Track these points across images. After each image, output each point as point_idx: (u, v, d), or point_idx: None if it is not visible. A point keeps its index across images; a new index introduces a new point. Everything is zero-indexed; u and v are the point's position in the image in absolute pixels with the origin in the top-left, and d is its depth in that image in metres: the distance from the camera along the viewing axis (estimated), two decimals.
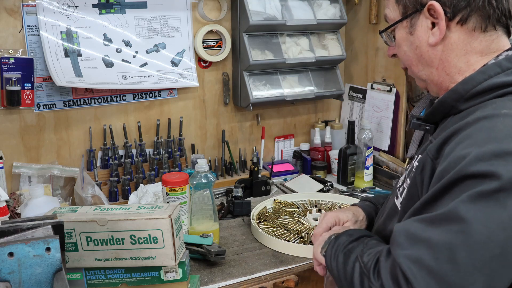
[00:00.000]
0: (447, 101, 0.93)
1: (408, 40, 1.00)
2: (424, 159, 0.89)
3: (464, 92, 0.90)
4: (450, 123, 0.92)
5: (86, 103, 1.79)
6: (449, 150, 0.83)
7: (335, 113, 2.32)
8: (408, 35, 0.99)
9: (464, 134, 0.82)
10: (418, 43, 0.98)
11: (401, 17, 0.99)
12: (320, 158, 2.16)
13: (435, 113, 0.98)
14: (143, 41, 1.83)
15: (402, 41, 1.01)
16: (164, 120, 1.92)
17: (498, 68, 0.89)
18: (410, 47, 1.00)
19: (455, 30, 0.94)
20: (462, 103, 0.91)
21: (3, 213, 1.31)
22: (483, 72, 0.90)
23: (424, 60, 0.99)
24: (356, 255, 0.92)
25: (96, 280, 1.20)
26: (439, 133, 0.94)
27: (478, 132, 0.81)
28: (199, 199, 1.49)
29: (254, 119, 2.13)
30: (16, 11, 1.62)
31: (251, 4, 1.87)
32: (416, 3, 0.96)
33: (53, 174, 1.71)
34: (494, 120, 0.81)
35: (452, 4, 0.92)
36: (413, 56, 1.00)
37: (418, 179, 0.90)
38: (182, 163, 1.94)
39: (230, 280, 1.32)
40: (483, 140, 0.79)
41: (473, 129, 0.82)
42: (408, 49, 1.01)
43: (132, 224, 1.13)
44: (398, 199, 1.01)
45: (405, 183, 1.00)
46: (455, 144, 0.82)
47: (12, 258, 0.85)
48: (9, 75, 1.62)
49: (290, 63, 1.97)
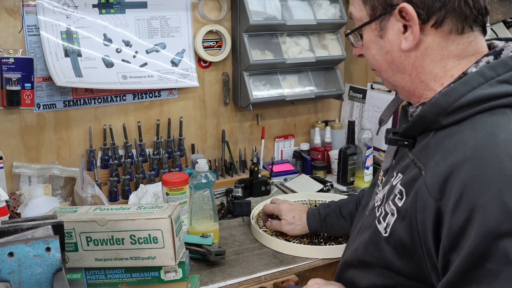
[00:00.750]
0: (428, 116, 0.85)
1: (378, 43, 0.92)
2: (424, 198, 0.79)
3: (446, 105, 0.82)
4: (433, 142, 0.84)
5: (86, 103, 1.79)
6: (458, 194, 0.73)
7: (335, 113, 2.32)
8: (378, 38, 0.91)
9: (469, 173, 0.73)
10: (389, 47, 0.90)
11: (369, 18, 0.91)
12: (320, 158, 2.16)
13: (414, 128, 0.89)
14: (143, 41, 1.83)
15: (371, 44, 0.93)
16: (164, 120, 1.92)
17: (481, 78, 0.81)
18: (380, 51, 0.92)
19: (430, 33, 0.86)
20: (444, 118, 0.83)
21: (3, 213, 1.31)
22: (466, 82, 0.82)
23: (396, 66, 0.91)
24: None
25: (96, 280, 1.20)
26: (420, 152, 0.87)
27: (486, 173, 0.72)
28: (199, 199, 1.49)
29: (254, 119, 2.13)
30: (16, 11, 1.62)
31: (251, 4, 1.87)
32: (385, 4, 0.88)
33: (53, 174, 1.71)
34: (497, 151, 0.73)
35: (425, 5, 0.84)
36: (383, 61, 0.92)
37: (419, 218, 0.80)
38: (182, 163, 1.94)
39: (230, 280, 1.32)
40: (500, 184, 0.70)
41: (477, 166, 0.73)
42: (377, 53, 0.93)
43: (132, 224, 1.13)
44: (381, 224, 0.92)
45: (387, 205, 0.91)
46: (463, 186, 0.73)
47: (12, 258, 0.85)
48: (9, 75, 1.62)
49: (290, 63, 1.97)
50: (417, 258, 0.84)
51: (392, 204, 0.89)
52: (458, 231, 0.73)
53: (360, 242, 1.00)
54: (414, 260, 0.84)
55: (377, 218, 0.94)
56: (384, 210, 0.92)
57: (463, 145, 0.77)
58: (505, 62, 0.82)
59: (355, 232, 1.09)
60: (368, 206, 1.07)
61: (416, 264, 0.84)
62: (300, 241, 1.50)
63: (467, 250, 0.71)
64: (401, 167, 0.92)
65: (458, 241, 0.73)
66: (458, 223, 0.73)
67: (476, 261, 0.71)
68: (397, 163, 0.97)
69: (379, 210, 0.95)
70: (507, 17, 2.01)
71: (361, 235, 1.01)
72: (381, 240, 0.91)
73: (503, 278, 0.68)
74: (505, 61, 0.82)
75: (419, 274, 0.85)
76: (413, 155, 0.88)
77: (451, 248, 0.74)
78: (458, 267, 0.73)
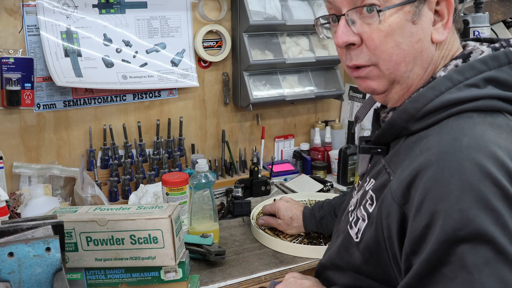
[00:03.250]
0: (397, 123, 0.84)
1: (408, 29, 0.82)
2: (389, 203, 0.79)
3: (415, 111, 0.81)
4: (403, 148, 0.83)
5: (86, 103, 1.79)
6: (419, 199, 0.73)
7: (335, 113, 2.32)
8: (409, 23, 0.82)
9: (431, 177, 0.73)
10: (421, 36, 0.83)
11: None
12: (320, 158, 2.16)
13: (385, 135, 0.88)
14: (143, 41, 1.83)
15: (398, 29, 0.82)
16: (164, 120, 1.92)
17: (449, 82, 0.80)
18: (410, 39, 0.83)
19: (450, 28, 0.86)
20: (414, 124, 0.82)
21: (3, 213, 1.31)
22: (433, 87, 0.80)
23: (422, 57, 0.85)
24: None
25: (96, 280, 1.20)
26: (391, 158, 0.86)
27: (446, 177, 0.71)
28: (199, 199, 1.49)
29: (254, 119, 2.13)
30: (16, 11, 1.62)
31: (251, 4, 1.87)
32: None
33: (53, 174, 1.71)
34: (459, 156, 0.72)
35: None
36: (411, 50, 0.84)
37: (385, 224, 0.80)
38: (182, 163, 1.94)
39: (230, 280, 1.32)
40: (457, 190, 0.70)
41: (438, 170, 0.72)
42: (404, 41, 0.83)
43: (132, 224, 1.13)
44: (352, 229, 0.92)
45: (359, 211, 0.91)
46: (424, 191, 0.73)
47: (12, 258, 0.85)
48: (9, 75, 1.62)
49: (290, 63, 1.97)
50: (384, 264, 0.84)
51: (363, 209, 0.88)
52: (419, 236, 0.73)
53: (335, 247, 1.00)
54: (380, 266, 0.85)
55: (349, 223, 0.94)
56: (356, 216, 0.91)
57: (428, 151, 0.76)
58: (473, 65, 0.81)
59: (334, 236, 1.10)
60: (345, 210, 1.08)
61: (383, 269, 0.84)
62: (300, 241, 1.50)
63: (426, 254, 0.71)
64: (374, 173, 0.91)
65: (419, 246, 0.73)
66: (419, 228, 0.73)
67: (434, 265, 0.71)
68: (372, 168, 0.96)
69: (352, 215, 0.95)
70: (507, 17, 2.01)
71: (337, 240, 1.02)
72: (352, 246, 0.91)
73: (457, 282, 0.68)
74: (473, 65, 0.81)
75: (387, 279, 0.85)
76: (385, 161, 0.88)
77: (413, 252, 0.75)
78: (416, 271, 0.73)
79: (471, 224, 0.68)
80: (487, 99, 0.78)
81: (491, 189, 0.69)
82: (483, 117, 0.77)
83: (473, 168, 0.70)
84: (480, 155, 0.71)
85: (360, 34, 0.85)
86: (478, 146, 0.72)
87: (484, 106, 0.78)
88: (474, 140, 0.73)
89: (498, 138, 0.74)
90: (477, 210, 0.68)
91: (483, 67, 0.81)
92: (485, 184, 0.69)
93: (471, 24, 1.67)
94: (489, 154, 0.71)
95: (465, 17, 1.69)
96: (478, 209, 0.68)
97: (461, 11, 1.76)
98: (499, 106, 0.79)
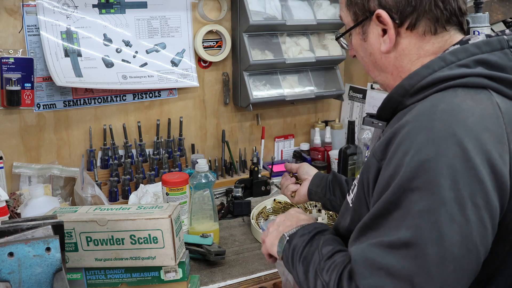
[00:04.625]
0: (394, 97, 0.92)
1: (363, 46, 1.00)
2: (370, 159, 0.88)
3: (409, 87, 0.89)
4: (396, 118, 0.91)
5: (86, 103, 1.79)
6: (392, 153, 0.82)
7: (335, 113, 2.32)
8: (362, 41, 0.99)
9: (404, 134, 0.81)
10: (371, 50, 0.98)
11: (353, 23, 0.99)
12: (320, 158, 2.16)
13: (384, 110, 0.96)
14: (143, 41, 1.83)
15: (358, 47, 1.02)
16: (164, 120, 1.92)
17: (442, 62, 0.87)
18: (365, 53, 1.00)
19: (406, 36, 0.93)
20: (408, 98, 0.90)
21: (3, 213, 1.31)
22: (428, 66, 0.88)
23: (379, 66, 0.99)
24: (315, 270, 0.92)
25: (96, 280, 1.20)
26: (387, 129, 0.93)
27: (415, 133, 0.79)
28: (199, 199, 1.49)
29: (254, 119, 2.13)
30: (16, 11, 1.62)
31: (251, 4, 1.87)
32: (364, 10, 0.95)
33: (53, 174, 1.71)
34: (431, 117, 0.79)
35: (398, 10, 0.91)
36: (369, 62, 1.01)
37: (364, 178, 0.90)
38: (182, 163, 1.94)
39: (230, 280, 1.32)
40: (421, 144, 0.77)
41: (411, 128, 0.80)
42: (364, 55, 1.01)
43: (132, 224, 1.13)
44: (349, 196, 1.02)
45: (356, 179, 1.00)
46: (396, 146, 0.81)
47: (12, 258, 0.85)
48: (9, 75, 1.62)
49: (290, 63, 1.97)
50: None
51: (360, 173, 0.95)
52: (384, 185, 0.82)
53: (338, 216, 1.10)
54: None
55: (348, 191, 1.05)
56: (354, 183, 1.00)
57: (409, 115, 0.84)
58: (467, 48, 0.87)
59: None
60: None
61: None
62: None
63: (383, 198, 0.80)
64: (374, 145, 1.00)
65: (382, 193, 0.81)
66: (386, 178, 0.81)
67: (387, 208, 0.79)
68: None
69: (353, 184, 1.03)
70: (507, 17, 2.01)
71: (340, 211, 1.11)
72: (347, 211, 1.01)
73: (404, 226, 0.76)
74: (466, 48, 0.87)
75: None
76: (383, 134, 0.94)
77: (378, 199, 0.83)
78: (373, 212, 0.82)
79: (425, 175, 0.75)
80: (474, 77, 0.84)
81: (452, 147, 0.76)
82: (467, 91, 0.83)
83: (440, 127, 0.77)
84: (451, 118, 0.78)
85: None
86: (452, 110, 0.79)
87: (470, 83, 0.83)
88: (449, 106, 0.80)
89: (475, 107, 0.80)
90: (434, 163, 0.75)
91: (475, 50, 0.86)
92: (447, 142, 0.76)
93: (471, 24, 1.67)
94: (459, 118, 0.78)
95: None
96: (436, 162, 0.75)
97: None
98: (485, 83, 0.84)
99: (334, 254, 0.92)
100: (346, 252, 0.91)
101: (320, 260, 0.92)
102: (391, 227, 0.78)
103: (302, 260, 0.96)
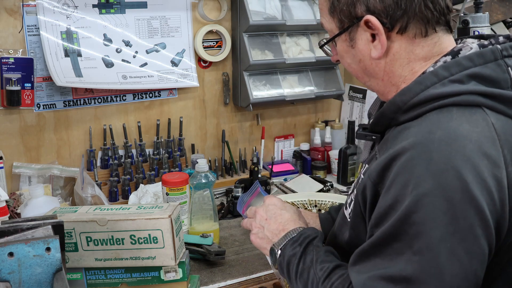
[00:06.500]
0: (386, 113, 0.91)
1: (350, 53, 0.96)
2: (366, 180, 0.87)
3: (402, 104, 0.87)
4: (390, 137, 0.90)
5: (86, 103, 1.79)
6: (390, 182, 0.81)
7: (335, 113, 2.32)
8: (349, 48, 0.96)
9: (402, 163, 0.80)
10: (361, 56, 0.95)
11: (338, 30, 0.96)
12: (320, 158, 2.16)
13: (377, 124, 0.95)
14: (143, 41, 1.83)
15: (344, 53, 0.98)
16: (164, 120, 1.92)
17: (435, 78, 0.85)
18: (353, 59, 0.97)
19: (396, 40, 0.91)
20: (401, 115, 0.88)
21: (3, 213, 1.31)
22: (420, 82, 0.86)
23: (369, 72, 0.96)
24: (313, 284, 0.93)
25: (96, 280, 1.20)
26: (381, 146, 0.93)
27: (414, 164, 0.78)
28: (199, 199, 1.49)
29: (254, 119, 2.13)
30: (16, 11, 1.62)
31: (251, 4, 1.87)
32: (351, 17, 0.92)
33: (53, 174, 1.71)
34: (429, 148, 0.78)
35: (388, 15, 0.88)
36: (358, 68, 0.98)
37: (360, 199, 0.90)
38: (182, 163, 1.94)
39: (230, 280, 1.32)
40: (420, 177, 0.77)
41: (409, 158, 0.79)
42: (352, 62, 0.98)
43: (132, 224, 1.13)
44: (347, 210, 1.01)
45: (352, 193, 0.99)
46: (394, 175, 0.80)
47: (12, 258, 0.85)
48: (9, 75, 1.62)
49: (290, 63, 1.97)
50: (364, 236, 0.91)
51: (356, 191, 0.95)
52: (383, 213, 0.82)
53: (335, 228, 1.11)
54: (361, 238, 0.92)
55: (345, 205, 1.04)
56: (351, 198, 1.00)
57: (406, 140, 0.82)
58: (459, 62, 0.86)
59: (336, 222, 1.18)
60: None
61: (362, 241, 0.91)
62: None
63: (384, 229, 0.80)
64: (368, 159, 1.00)
65: (381, 221, 0.82)
66: (384, 207, 0.81)
67: (388, 239, 0.80)
68: (370, 155, 1.03)
69: (349, 198, 1.03)
70: (507, 17, 2.01)
71: (336, 223, 1.12)
72: (345, 225, 1.01)
73: (404, 259, 0.77)
74: (459, 61, 0.86)
75: None
76: (377, 148, 0.95)
77: (375, 225, 0.83)
78: (373, 240, 0.82)
79: (424, 210, 0.76)
80: (467, 95, 0.83)
81: (452, 181, 0.75)
82: (462, 111, 0.82)
83: (439, 159, 0.77)
84: (449, 148, 0.77)
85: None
86: (449, 140, 0.78)
87: (464, 101, 0.83)
88: (446, 133, 0.79)
89: (472, 132, 0.79)
90: (433, 197, 0.75)
91: (468, 63, 0.85)
92: (447, 176, 0.76)
93: (471, 24, 1.67)
94: (457, 147, 0.77)
95: (465, 17, 1.68)
96: (434, 196, 0.75)
97: (461, 11, 1.76)
98: (478, 101, 0.83)
99: (330, 273, 0.92)
100: (343, 272, 0.91)
101: (318, 282, 0.92)
102: (392, 258, 0.79)
103: (299, 277, 0.97)
